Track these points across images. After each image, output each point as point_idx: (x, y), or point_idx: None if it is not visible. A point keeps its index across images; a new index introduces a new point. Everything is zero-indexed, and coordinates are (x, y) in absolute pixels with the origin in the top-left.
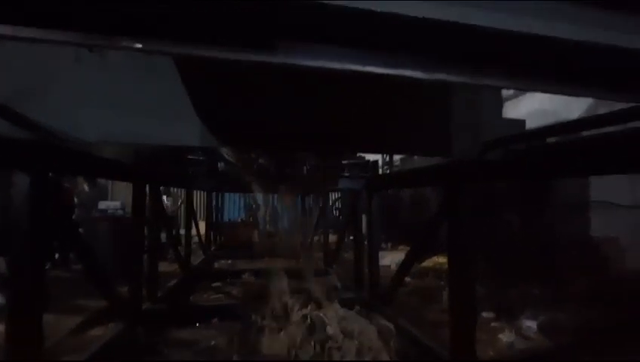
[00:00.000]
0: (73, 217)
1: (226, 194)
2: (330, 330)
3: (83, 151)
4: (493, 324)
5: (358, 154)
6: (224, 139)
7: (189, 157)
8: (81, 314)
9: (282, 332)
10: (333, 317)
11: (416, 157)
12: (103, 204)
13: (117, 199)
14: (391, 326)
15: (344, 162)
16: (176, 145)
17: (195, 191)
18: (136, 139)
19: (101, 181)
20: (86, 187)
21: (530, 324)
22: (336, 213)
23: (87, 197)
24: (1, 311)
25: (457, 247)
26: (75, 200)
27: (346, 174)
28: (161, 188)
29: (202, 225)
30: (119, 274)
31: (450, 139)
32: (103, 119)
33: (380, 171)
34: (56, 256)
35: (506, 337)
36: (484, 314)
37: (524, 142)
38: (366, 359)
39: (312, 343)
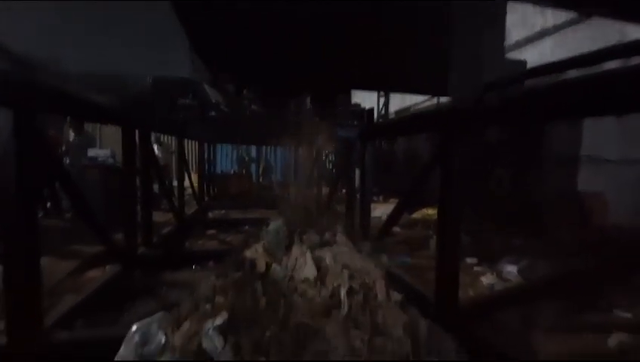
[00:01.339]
0: (63, 163)
1: (219, 146)
2: (329, 261)
3: (69, 91)
4: (475, 269)
5: (353, 102)
6: (216, 73)
7: (180, 101)
8: (77, 259)
9: (280, 268)
10: (331, 252)
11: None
12: (92, 152)
13: (106, 148)
14: (384, 257)
15: (339, 109)
16: (165, 78)
17: (187, 143)
18: (119, 69)
19: (88, 130)
20: (72, 134)
21: (510, 269)
22: (329, 165)
23: (74, 145)
24: None
25: (448, 194)
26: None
27: (341, 123)
28: (152, 136)
29: (195, 178)
30: (112, 222)
31: (448, 78)
32: (84, 47)
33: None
34: (48, 205)
35: (487, 280)
36: (468, 260)
37: (524, 83)
38: (359, 286)
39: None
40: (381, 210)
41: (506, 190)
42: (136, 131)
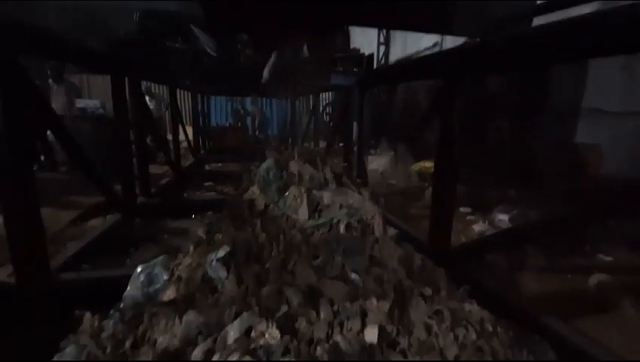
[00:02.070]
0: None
1: (212, 98)
2: (327, 201)
3: (52, 32)
4: (468, 218)
5: (352, 47)
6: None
7: (169, 45)
8: (76, 209)
9: (279, 207)
10: (331, 192)
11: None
12: (81, 102)
13: (95, 99)
14: (381, 198)
15: (337, 55)
16: (153, 14)
17: (179, 96)
18: None
19: (70, 78)
20: (53, 84)
21: (502, 217)
22: (326, 118)
23: (56, 95)
24: None
25: (447, 141)
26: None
27: (339, 70)
28: (143, 87)
29: (189, 131)
30: (108, 174)
31: (455, 12)
32: None
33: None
34: (42, 158)
35: (479, 228)
36: (462, 209)
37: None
38: (358, 224)
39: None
40: (377, 163)
41: (503, 141)
42: (126, 80)
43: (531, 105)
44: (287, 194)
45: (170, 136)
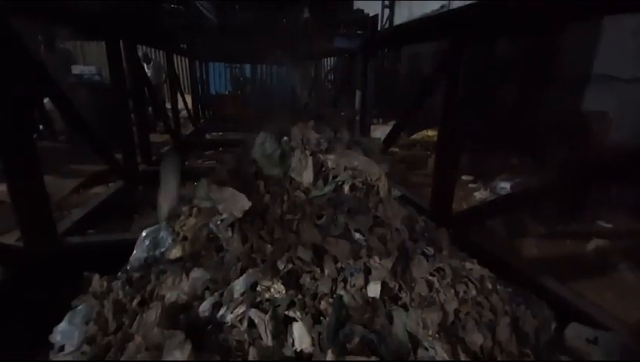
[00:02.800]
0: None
1: (211, 65)
2: (332, 164)
3: None
4: (470, 186)
5: (355, 8)
6: None
7: (165, 6)
8: (79, 178)
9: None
10: (336, 154)
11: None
12: (77, 69)
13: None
14: (385, 158)
15: (340, 17)
16: None
17: (177, 64)
18: None
19: (62, 45)
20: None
21: (504, 185)
22: (328, 85)
23: (52, 61)
24: None
25: (452, 105)
26: None
27: (342, 33)
28: (140, 53)
29: (188, 99)
30: (107, 141)
31: None
32: None
33: None
34: (41, 127)
35: (480, 195)
36: (464, 177)
37: None
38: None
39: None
40: (380, 131)
41: (508, 108)
42: (121, 45)
43: (539, 72)
44: (292, 157)
45: (169, 105)
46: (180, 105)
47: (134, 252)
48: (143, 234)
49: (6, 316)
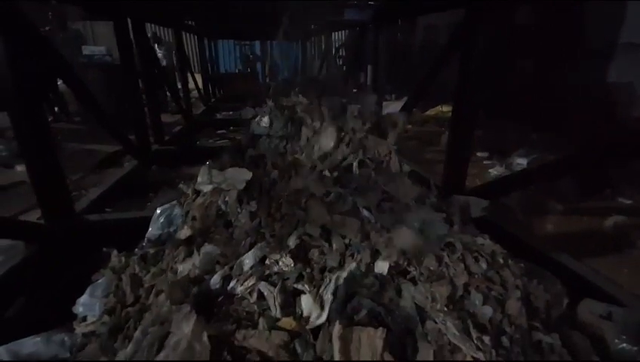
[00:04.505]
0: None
1: (220, 43)
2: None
3: None
4: (485, 162)
5: None
6: None
7: None
8: (93, 158)
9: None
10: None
11: None
12: (87, 50)
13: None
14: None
15: None
16: None
17: (187, 44)
18: None
19: (72, 25)
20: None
21: (520, 161)
22: (339, 61)
23: (62, 42)
24: None
25: (467, 81)
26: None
27: (353, 2)
28: (151, 34)
29: (198, 79)
30: (120, 122)
31: None
32: None
33: None
34: (56, 109)
35: (495, 172)
36: (479, 154)
37: None
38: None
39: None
40: (392, 108)
41: (528, 81)
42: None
43: (561, 41)
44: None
45: (179, 85)
46: (191, 84)
47: (150, 229)
48: (158, 211)
49: (31, 289)
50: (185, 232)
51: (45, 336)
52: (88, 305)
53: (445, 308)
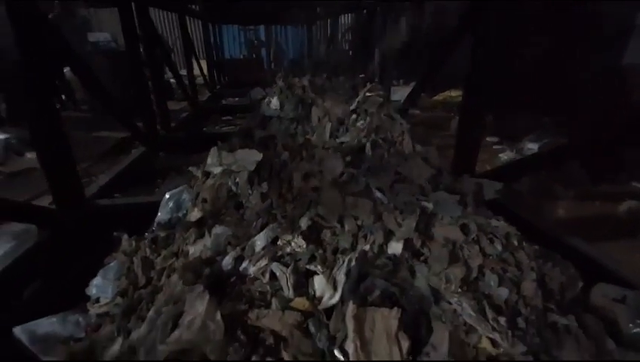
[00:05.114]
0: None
1: (225, 29)
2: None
3: None
4: (495, 147)
5: None
6: None
7: None
8: (102, 145)
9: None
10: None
11: None
12: (92, 37)
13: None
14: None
15: None
16: None
17: (190, 29)
18: None
19: (78, 10)
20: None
21: (531, 146)
22: (345, 46)
23: (70, 29)
24: None
25: (479, 62)
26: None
27: None
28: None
29: (203, 64)
30: (128, 109)
31: None
32: None
33: None
34: (63, 97)
35: (505, 157)
36: (489, 139)
37: None
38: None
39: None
40: (401, 94)
41: (540, 63)
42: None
43: (576, 22)
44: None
45: (183, 71)
46: (196, 71)
47: (159, 213)
48: (167, 196)
49: (45, 272)
50: (195, 214)
51: (61, 317)
52: (101, 287)
53: (460, 290)
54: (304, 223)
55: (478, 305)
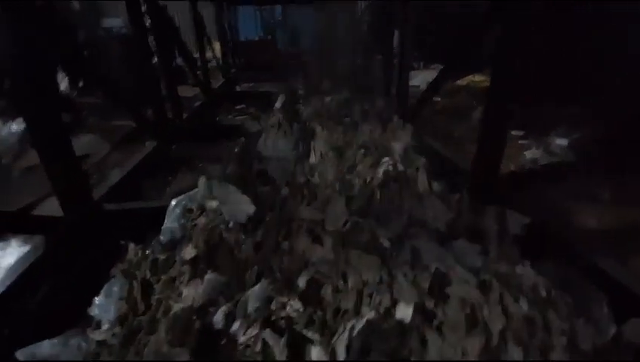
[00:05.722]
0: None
1: (239, 9)
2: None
3: None
4: (520, 142)
5: None
6: None
7: None
8: (114, 134)
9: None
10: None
11: None
12: (106, 22)
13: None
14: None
15: None
16: None
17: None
18: None
19: None
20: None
21: (560, 142)
22: (364, 26)
23: (81, 15)
24: None
25: (507, 48)
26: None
27: None
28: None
29: (217, 47)
30: (142, 97)
31: None
32: None
33: None
34: (80, 83)
35: (531, 154)
36: (513, 132)
37: None
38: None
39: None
40: (421, 78)
41: (572, 48)
42: None
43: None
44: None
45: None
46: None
47: (165, 221)
48: (173, 203)
49: (52, 279)
50: (190, 252)
51: (62, 340)
52: (103, 307)
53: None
54: (302, 282)
55: None
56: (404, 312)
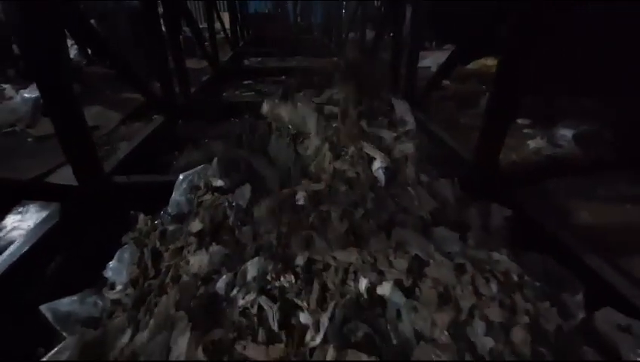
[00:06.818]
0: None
1: None
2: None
3: None
4: (525, 131)
5: None
6: None
7: None
8: (125, 107)
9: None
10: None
11: None
12: None
13: None
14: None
15: None
16: None
17: None
18: None
19: None
20: None
21: (565, 133)
22: (376, 2)
23: None
24: None
25: (518, 38)
26: None
27: None
28: None
29: (226, 19)
30: (151, 71)
31: None
32: None
33: None
34: (89, 51)
35: (534, 144)
36: (519, 121)
37: None
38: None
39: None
40: (431, 59)
41: (584, 33)
42: None
43: None
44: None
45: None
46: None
47: (173, 194)
48: (181, 177)
49: (66, 247)
50: (196, 225)
51: (80, 297)
52: (117, 270)
53: (446, 332)
54: (300, 261)
55: (459, 353)
56: (385, 288)
